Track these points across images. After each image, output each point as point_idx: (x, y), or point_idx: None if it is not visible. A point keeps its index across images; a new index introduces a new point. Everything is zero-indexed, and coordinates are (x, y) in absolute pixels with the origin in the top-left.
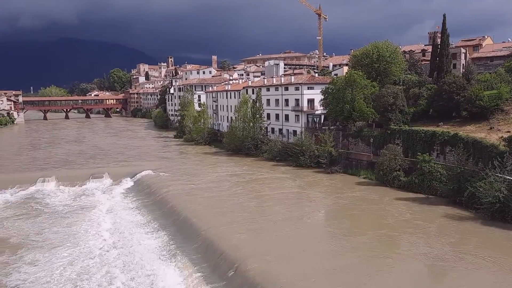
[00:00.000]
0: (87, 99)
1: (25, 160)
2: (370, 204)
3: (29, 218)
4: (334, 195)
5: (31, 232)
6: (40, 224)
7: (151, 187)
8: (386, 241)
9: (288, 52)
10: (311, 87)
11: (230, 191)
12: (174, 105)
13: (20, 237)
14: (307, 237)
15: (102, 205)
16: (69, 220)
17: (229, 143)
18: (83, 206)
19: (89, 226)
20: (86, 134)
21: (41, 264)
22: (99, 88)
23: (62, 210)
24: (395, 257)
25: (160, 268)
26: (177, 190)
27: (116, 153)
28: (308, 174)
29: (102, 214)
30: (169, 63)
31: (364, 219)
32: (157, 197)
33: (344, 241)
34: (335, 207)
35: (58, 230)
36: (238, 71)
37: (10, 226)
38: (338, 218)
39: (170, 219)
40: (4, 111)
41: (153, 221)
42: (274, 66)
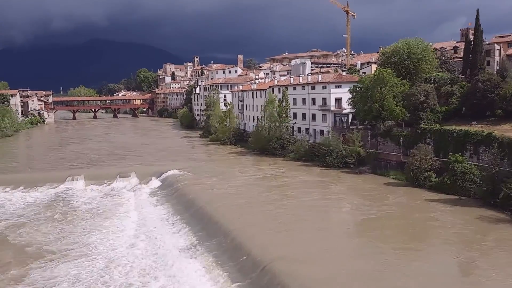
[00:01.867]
0: (115, 99)
1: (55, 159)
2: (399, 205)
3: (58, 215)
4: (362, 196)
5: (61, 228)
6: (68, 222)
7: (178, 187)
8: (417, 244)
9: (315, 51)
10: (338, 86)
11: (256, 191)
12: (200, 104)
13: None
14: (335, 238)
15: (129, 203)
16: (96, 217)
17: (255, 143)
18: (110, 205)
19: (116, 224)
20: (114, 134)
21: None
22: (126, 88)
23: (89, 208)
24: (425, 260)
25: (185, 265)
26: (203, 189)
27: (142, 153)
28: (336, 174)
29: (128, 213)
30: (195, 63)
31: (393, 221)
32: (183, 197)
33: (372, 242)
34: (363, 208)
35: (85, 228)
36: (264, 70)
37: (43, 222)
38: (366, 219)
39: (197, 218)
40: (35, 111)
41: (179, 220)
42: (301, 65)
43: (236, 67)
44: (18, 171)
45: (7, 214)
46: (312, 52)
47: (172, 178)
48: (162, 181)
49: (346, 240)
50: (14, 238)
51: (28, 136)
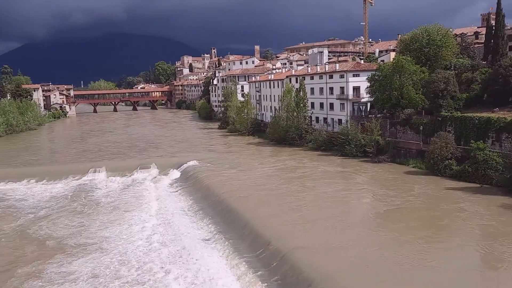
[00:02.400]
0: (134, 91)
1: (77, 152)
2: (425, 195)
3: (80, 207)
4: (382, 185)
5: (83, 220)
6: (90, 214)
7: (197, 178)
8: (445, 236)
9: (332, 40)
10: (356, 75)
11: (275, 182)
12: (218, 96)
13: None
14: (356, 229)
15: (149, 194)
16: (117, 209)
17: (272, 133)
18: (131, 196)
19: (137, 215)
20: (134, 126)
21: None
22: (145, 81)
23: (110, 200)
24: (454, 254)
25: (206, 256)
26: (222, 180)
27: (162, 145)
28: (355, 163)
29: (149, 204)
30: (212, 54)
31: (419, 212)
32: (202, 188)
33: (397, 235)
34: (387, 199)
35: (108, 219)
36: (281, 60)
37: (65, 215)
38: (390, 210)
39: (216, 208)
40: (57, 105)
41: (199, 210)
42: (318, 54)
43: (253, 57)
44: (42, 164)
45: (32, 207)
46: (329, 41)
47: (191, 169)
48: (181, 172)
49: (369, 232)
50: (36, 232)
51: (51, 130)
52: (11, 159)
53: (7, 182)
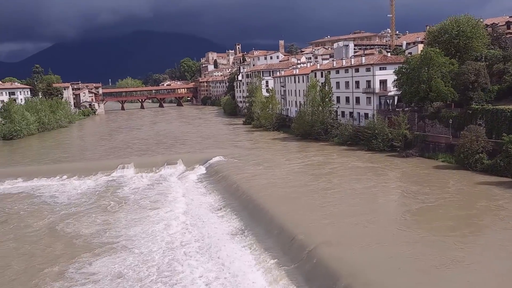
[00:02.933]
0: (160, 89)
1: (106, 148)
2: (450, 189)
3: (110, 204)
4: (413, 181)
5: (112, 215)
6: (118, 209)
7: (223, 173)
8: (469, 230)
9: (358, 33)
10: (383, 68)
11: (301, 177)
12: (242, 92)
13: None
14: (385, 227)
15: (177, 190)
16: (145, 205)
17: (298, 128)
18: (159, 191)
19: (165, 209)
20: (160, 123)
21: (123, 237)
22: (170, 78)
23: (139, 196)
24: (487, 252)
25: (232, 250)
26: (247, 175)
27: (188, 141)
28: (382, 158)
29: (177, 199)
30: (236, 50)
31: (448, 207)
32: (228, 183)
33: (427, 232)
34: (416, 194)
35: (135, 216)
36: (306, 54)
37: (94, 212)
38: (415, 204)
39: (242, 204)
40: (86, 103)
41: (225, 206)
42: (343, 48)
43: (277, 52)
44: (73, 160)
45: (62, 203)
46: (355, 34)
47: (217, 165)
48: (207, 168)
49: (400, 230)
50: (64, 229)
51: (81, 127)
52: (44, 156)
53: (41, 178)
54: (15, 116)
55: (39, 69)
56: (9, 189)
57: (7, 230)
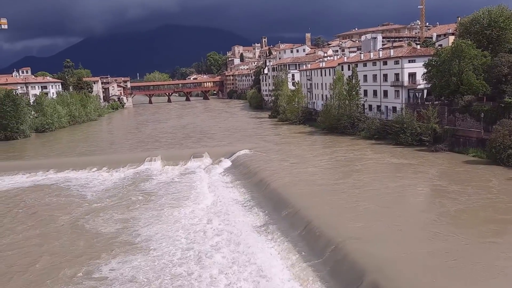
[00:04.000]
0: (187, 82)
1: (134, 141)
2: (480, 185)
3: (140, 189)
4: (439, 175)
5: (138, 210)
6: (148, 201)
7: (248, 167)
8: (499, 228)
9: (386, 25)
10: (412, 60)
11: (327, 171)
12: (268, 85)
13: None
14: (410, 220)
15: (203, 183)
16: (172, 197)
17: (324, 121)
18: (185, 184)
19: (191, 202)
20: (187, 116)
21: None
22: (197, 71)
23: (165, 188)
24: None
25: (257, 244)
26: (273, 169)
27: (214, 134)
28: (410, 152)
29: (202, 191)
30: (262, 43)
31: (473, 202)
32: (253, 176)
33: (450, 225)
34: (440, 188)
35: (161, 209)
36: (333, 47)
37: (126, 196)
38: (443, 200)
39: (267, 197)
40: (115, 97)
41: (250, 199)
42: (371, 40)
43: (304, 45)
44: (102, 153)
45: (90, 197)
46: (383, 26)
47: (242, 158)
48: (233, 161)
49: (434, 233)
50: (88, 224)
51: (110, 120)
52: (75, 148)
53: (71, 170)
54: (47, 110)
55: (69, 64)
56: (41, 180)
57: (34, 224)
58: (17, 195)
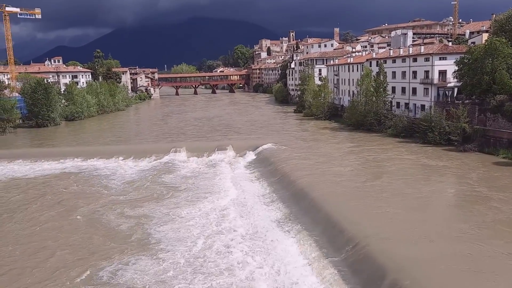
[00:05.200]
0: (213, 75)
1: (160, 132)
2: (509, 189)
3: (165, 180)
4: (466, 176)
5: (167, 190)
6: (171, 194)
7: (272, 161)
8: None
9: (418, 21)
10: (443, 58)
11: (352, 167)
12: (295, 79)
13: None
14: (434, 221)
15: (226, 175)
16: (195, 190)
17: (350, 118)
18: (209, 176)
19: (214, 193)
20: (212, 108)
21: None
22: (224, 64)
23: (189, 181)
24: None
25: (279, 238)
26: (296, 164)
27: (238, 127)
28: (437, 152)
29: (226, 184)
30: (290, 37)
31: (502, 206)
32: (277, 171)
33: (476, 227)
34: (468, 190)
35: (186, 198)
36: (362, 43)
37: (150, 188)
38: (470, 202)
39: (290, 192)
40: (142, 87)
41: (273, 193)
42: (401, 36)
43: (332, 40)
44: (128, 143)
45: (114, 187)
46: (414, 22)
47: (266, 152)
48: (257, 155)
49: (469, 244)
50: (108, 218)
51: (137, 111)
52: (102, 137)
53: (98, 158)
54: (77, 99)
55: (100, 54)
56: (69, 168)
57: (55, 216)
58: (46, 182)
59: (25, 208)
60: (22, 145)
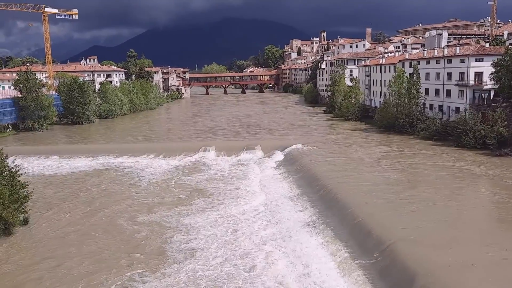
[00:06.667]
0: (243, 75)
1: (190, 130)
2: None
3: (195, 178)
4: (502, 181)
5: (199, 189)
6: (203, 185)
7: (300, 162)
8: None
9: (453, 21)
10: (479, 59)
11: (382, 169)
12: (325, 80)
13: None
14: (468, 226)
15: (255, 175)
16: (227, 185)
17: (381, 119)
18: (238, 175)
19: (243, 193)
20: (242, 108)
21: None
22: (254, 64)
23: (220, 179)
24: None
25: (306, 239)
26: (325, 165)
27: (267, 126)
28: (472, 156)
29: (254, 184)
30: (321, 38)
31: None
32: (305, 172)
33: None
34: (503, 196)
35: (218, 192)
36: (394, 43)
37: (184, 182)
38: (506, 208)
39: (318, 193)
40: (174, 87)
41: (301, 194)
42: (436, 37)
43: (363, 41)
44: (160, 141)
45: (143, 186)
46: (449, 23)
47: (295, 153)
48: (285, 155)
49: (479, 229)
50: (130, 221)
51: (168, 110)
52: (134, 135)
53: (130, 156)
54: (111, 97)
55: (133, 54)
56: (102, 164)
57: (81, 219)
58: (79, 178)
59: (56, 204)
60: (58, 142)
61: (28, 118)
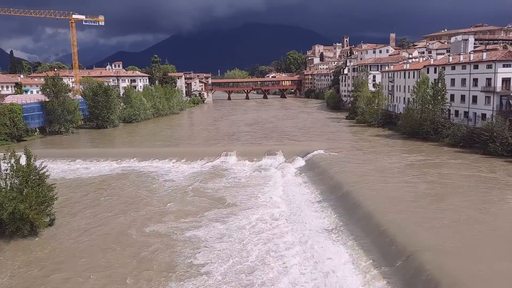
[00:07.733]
0: (265, 80)
1: (212, 135)
2: None
3: (216, 183)
4: None
5: (220, 194)
6: (225, 192)
7: (322, 168)
8: None
9: (480, 26)
10: (507, 65)
11: (406, 177)
12: (348, 85)
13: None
14: (494, 236)
15: (276, 181)
16: (248, 190)
17: (404, 126)
18: (259, 180)
19: (264, 197)
20: (264, 113)
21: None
22: (276, 70)
23: (241, 185)
24: None
25: (327, 246)
26: (347, 172)
27: (289, 132)
28: (499, 163)
29: (276, 190)
30: (344, 43)
31: None
32: (327, 178)
33: None
34: None
35: (239, 198)
36: (419, 48)
37: (205, 189)
38: None
39: (340, 200)
40: (196, 92)
41: (323, 200)
42: (462, 42)
43: (387, 46)
44: (182, 145)
45: (163, 193)
46: (476, 28)
47: (317, 159)
48: (306, 161)
49: (506, 239)
50: (142, 233)
51: (191, 114)
52: (157, 139)
53: (152, 160)
54: (135, 102)
55: (157, 59)
56: (124, 168)
57: (99, 226)
58: (103, 181)
59: (81, 209)
60: (83, 145)
61: (54, 122)
